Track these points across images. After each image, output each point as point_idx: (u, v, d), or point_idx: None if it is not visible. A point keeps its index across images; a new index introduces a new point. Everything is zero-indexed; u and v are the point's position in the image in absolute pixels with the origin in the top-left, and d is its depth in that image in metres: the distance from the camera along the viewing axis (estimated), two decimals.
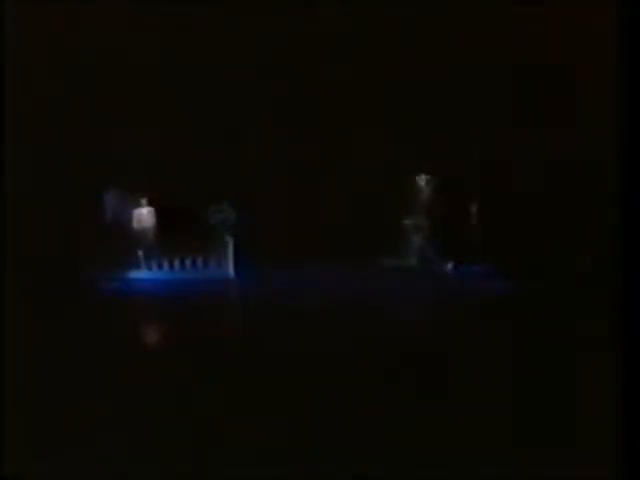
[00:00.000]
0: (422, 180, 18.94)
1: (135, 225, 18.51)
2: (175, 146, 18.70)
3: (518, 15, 17.87)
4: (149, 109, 18.38)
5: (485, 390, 10.11)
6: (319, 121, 18.73)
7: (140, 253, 18.19)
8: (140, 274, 18.13)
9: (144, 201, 18.48)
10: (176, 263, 18.27)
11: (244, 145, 18.92)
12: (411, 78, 18.36)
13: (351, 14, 18.11)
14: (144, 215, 18.56)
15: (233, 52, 18.57)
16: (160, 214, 18.50)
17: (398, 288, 16.92)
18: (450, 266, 18.30)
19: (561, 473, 7.89)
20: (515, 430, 8.88)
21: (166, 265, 18.29)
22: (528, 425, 9.01)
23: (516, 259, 16.80)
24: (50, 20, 17.35)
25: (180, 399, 9.97)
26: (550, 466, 7.99)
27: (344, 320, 13.91)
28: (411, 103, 18.37)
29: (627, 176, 9.27)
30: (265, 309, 15.06)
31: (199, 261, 18.26)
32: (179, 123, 18.66)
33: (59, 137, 18.09)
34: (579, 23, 17.41)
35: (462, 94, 18.29)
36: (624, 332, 8.81)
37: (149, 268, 18.23)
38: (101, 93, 18.32)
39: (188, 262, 18.25)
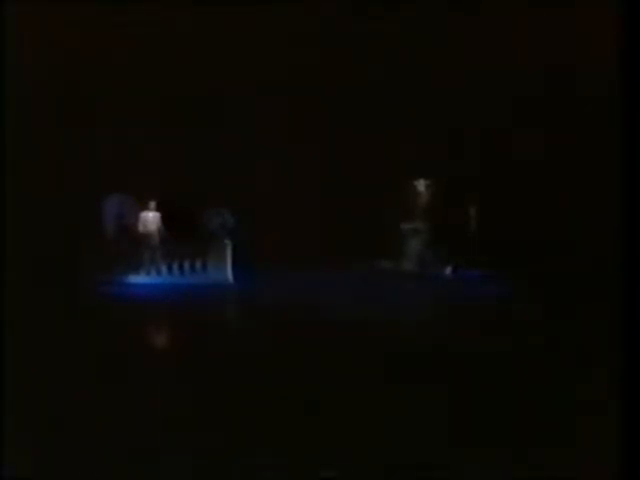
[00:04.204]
0: (421, 184, 19.00)
1: (140, 228, 18.51)
2: (174, 149, 18.74)
3: (518, 16, 17.90)
4: (149, 111, 18.42)
5: (484, 392, 10.12)
6: (318, 126, 18.76)
7: (145, 256, 18.21)
8: (139, 279, 18.12)
9: (152, 204, 18.47)
10: (175, 267, 18.27)
11: (242, 148, 18.94)
12: (411, 82, 18.39)
13: (352, 15, 18.14)
14: (149, 218, 18.56)
15: (233, 54, 18.60)
16: (164, 218, 18.50)
17: (397, 291, 16.96)
18: (449, 270, 18.34)
19: (561, 473, 7.90)
20: (515, 431, 8.89)
21: (165, 269, 18.29)
22: (528, 426, 9.01)
23: (515, 263, 16.81)
24: (50, 20, 17.36)
25: (179, 401, 9.97)
26: (550, 466, 8.00)
27: (343, 323, 13.91)
28: (411, 107, 18.41)
29: (627, 179, 9.27)
30: (264, 312, 15.06)
31: (197, 265, 18.26)
32: (179, 125, 18.69)
33: (59, 139, 18.12)
34: (580, 24, 17.45)
35: (461, 97, 18.33)
36: (624, 334, 8.81)
37: (148, 272, 18.23)
38: (101, 94, 18.36)
39: (187, 266, 18.25)
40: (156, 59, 18.47)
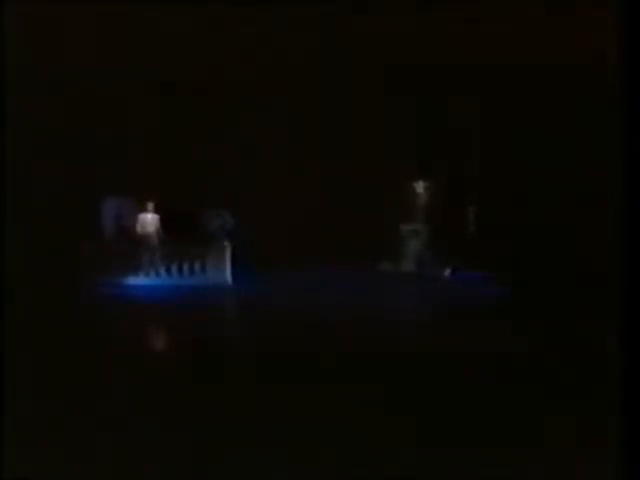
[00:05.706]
0: (420, 186, 19.02)
1: (139, 230, 18.52)
2: (174, 150, 18.75)
3: (517, 15, 17.88)
4: (149, 112, 18.44)
5: (484, 392, 10.12)
6: (318, 126, 18.77)
7: (144, 258, 18.21)
8: (138, 280, 18.11)
9: (150, 206, 18.48)
10: (174, 269, 18.26)
11: (242, 149, 18.94)
12: (410, 83, 18.40)
13: (351, 18, 18.15)
14: (148, 220, 18.56)
15: (232, 55, 18.60)
16: (163, 219, 18.51)
17: (396, 293, 16.96)
18: (448, 271, 18.35)
19: (561, 473, 7.90)
20: (515, 431, 8.89)
21: (164, 271, 18.29)
22: (528, 427, 9.02)
23: (514, 264, 16.81)
24: (50, 20, 17.36)
25: (178, 402, 9.97)
26: (550, 466, 8.01)
27: (343, 325, 13.91)
28: (410, 107, 18.42)
29: (627, 180, 9.27)
30: (263, 314, 15.06)
31: (197, 267, 18.24)
32: (178, 126, 18.70)
33: (58, 139, 18.13)
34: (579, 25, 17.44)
35: (461, 98, 18.34)
36: (625, 334, 8.81)
37: (147, 274, 18.22)
38: (101, 95, 18.37)
39: (186, 268, 18.24)
40: (156, 60, 18.47)
